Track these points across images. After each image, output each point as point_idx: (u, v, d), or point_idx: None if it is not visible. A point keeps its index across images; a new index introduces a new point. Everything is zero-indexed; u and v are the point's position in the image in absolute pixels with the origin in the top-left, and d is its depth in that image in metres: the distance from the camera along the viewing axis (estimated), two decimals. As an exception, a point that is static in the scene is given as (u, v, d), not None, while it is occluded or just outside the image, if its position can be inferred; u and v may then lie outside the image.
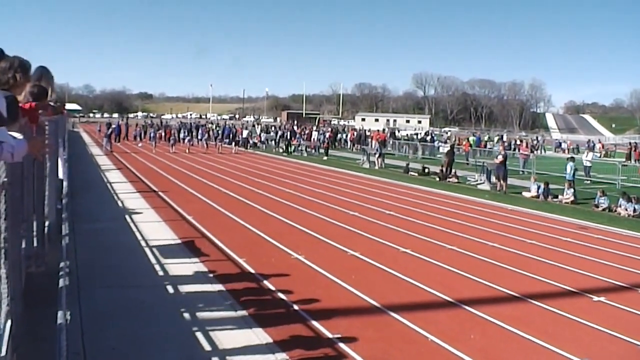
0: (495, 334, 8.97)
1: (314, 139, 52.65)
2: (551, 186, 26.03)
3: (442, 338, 8.51)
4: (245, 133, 53.40)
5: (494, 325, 9.29)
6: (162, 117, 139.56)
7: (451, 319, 9.61)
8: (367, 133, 59.42)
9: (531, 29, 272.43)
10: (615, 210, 22.11)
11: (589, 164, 34.94)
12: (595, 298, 11.04)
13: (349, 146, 56.01)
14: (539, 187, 25.93)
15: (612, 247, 15.67)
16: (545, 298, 10.82)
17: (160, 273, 11.34)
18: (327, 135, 53.14)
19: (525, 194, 26.23)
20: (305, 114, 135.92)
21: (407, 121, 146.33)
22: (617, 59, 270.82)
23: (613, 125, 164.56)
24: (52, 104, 9.44)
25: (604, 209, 22.57)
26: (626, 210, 21.74)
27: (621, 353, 8.50)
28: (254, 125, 69.69)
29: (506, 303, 10.57)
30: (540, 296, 10.89)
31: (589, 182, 32.19)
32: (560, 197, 25.03)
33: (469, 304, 10.21)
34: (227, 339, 8.05)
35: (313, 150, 48.65)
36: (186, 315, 9.03)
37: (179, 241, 14.03)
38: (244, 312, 9.21)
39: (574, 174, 27.65)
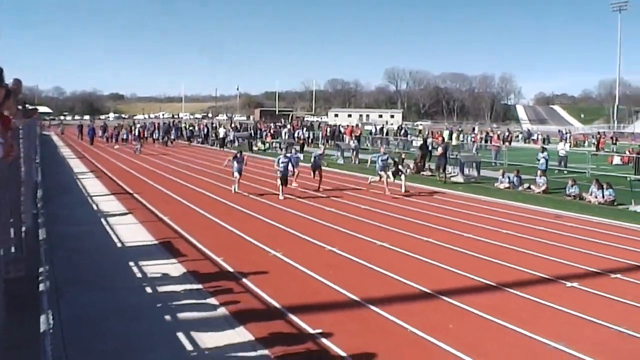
0: (473, 323, 9.14)
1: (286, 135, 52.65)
2: (523, 176, 26.35)
3: (421, 329, 8.65)
4: (221, 132, 53.06)
5: (472, 315, 9.46)
6: (135, 117, 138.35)
7: (429, 309, 9.77)
8: (341, 129, 59.46)
9: (501, 22, 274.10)
10: (586, 199, 22.47)
11: (564, 154, 35.45)
12: (569, 284, 11.27)
13: (321, 142, 56.02)
14: (509, 178, 26.25)
15: (584, 235, 15.95)
16: (520, 286, 11.03)
17: (139, 275, 11.34)
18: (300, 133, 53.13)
19: (498, 185, 26.51)
20: (279, 111, 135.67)
21: (380, 116, 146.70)
22: (585, 50, 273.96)
23: (582, 116, 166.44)
24: (27, 107, 9.39)
25: (574, 198, 22.94)
26: (596, 197, 22.11)
27: (595, 336, 8.69)
28: (231, 124, 69.32)
29: (483, 292, 10.75)
30: (515, 284, 11.10)
31: (565, 172, 32.64)
32: (532, 187, 25.36)
33: (446, 295, 10.37)
34: (209, 338, 8.10)
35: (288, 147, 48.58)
36: (167, 316, 9.06)
37: (156, 242, 14.02)
38: (224, 311, 9.27)
39: (546, 164, 27.98)
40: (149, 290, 10.41)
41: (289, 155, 22.83)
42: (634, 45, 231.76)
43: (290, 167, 22.81)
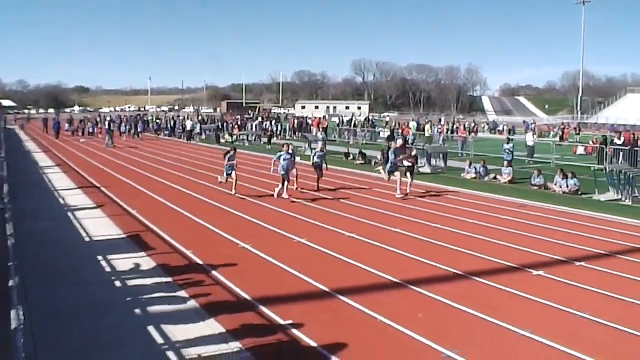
0: (441, 312, 9.27)
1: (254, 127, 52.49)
2: (489, 167, 26.67)
3: (391, 318, 8.76)
4: (189, 125, 52.69)
5: (440, 303, 9.59)
6: (100, 110, 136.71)
7: (399, 299, 9.87)
8: (308, 121, 59.49)
9: (467, 14, 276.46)
10: (551, 188, 22.84)
11: (531, 144, 35.99)
12: (535, 272, 11.48)
13: (288, 134, 55.96)
14: (475, 169, 26.55)
15: (549, 223, 16.22)
16: (487, 274, 11.20)
17: (108, 269, 11.28)
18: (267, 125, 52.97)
19: (465, 175, 26.80)
20: (246, 103, 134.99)
21: (347, 107, 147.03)
22: (549, 42, 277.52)
23: (546, 107, 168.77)
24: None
25: (540, 187, 23.31)
26: (560, 187, 22.48)
27: (560, 323, 8.87)
28: (198, 117, 68.74)
29: (451, 281, 10.89)
30: (482, 273, 11.27)
31: (532, 162, 33.12)
32: (498, 177, 25.68)
33: (415, 284, 10.49)
34: (179, 331, 8.11)
35: (255, 139, 48.49)
36: (137, 310, 9.04)
37: (124, 236, 13.94)
38: (194, 304, 9.28)
39: (512, 154, 28.34)
40: (118, 284, 10.37)
41: (291, 151, 20.37)
42: (597, 38, 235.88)
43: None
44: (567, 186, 22.37)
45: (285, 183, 19.60)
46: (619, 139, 34.72)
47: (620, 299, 10.03)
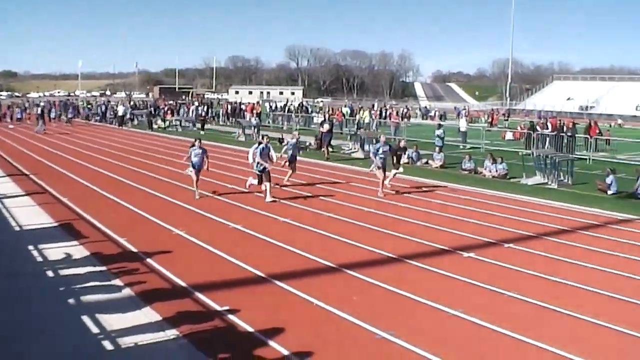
0: (376, 294, 9.48)
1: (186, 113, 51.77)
2: (422, 152, 27.16)
3: (326, 301, 8.91)
4: (121, 110, 51.55)
5: (374, 286, 9.80)
6: (28, 95, 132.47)
7: (334, 282, 10.04)
8: (242, 106, 59.09)
9: (400, 0, 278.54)
10: (481, 173, 23.45)
11: (464, 129, 36.75)
12: (466, 254, 11.83)
13: (221, 120, 55.48)
14: (408, 154, 26.93)
15: (479, 207, 16.68)
16: (420, 257, 11.49)
17: (39, 259, 11.05)
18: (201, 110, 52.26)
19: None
20: (179, 88, 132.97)
21: (281, 93, 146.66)
22: (480, 30, 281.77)
23: (477, 93, 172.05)
24: None
25: (470, 172, 23.89)
26: (490, 171, 23.10)
27: (489, 302, 9.21)
28: (130, 102, 67.26)
29: (384, 264, 11.13)
30: (415, 256, 11.55)
31: (467, 147, 33.85)
32: (430, 162, 26.17)
33: (349, 268, 10.67)
34: (115, 320, 8.04)
35: (190, 125, 47.86)
36: (71, 300, 8.90)
37: (55, 224, 13.66)
38: (129, 292, 9.21)
39: (442, 140, 28.86)
40: (50, 274, 10.18)
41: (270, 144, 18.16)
42: (526, 27, 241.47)
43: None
44: (497, 171, 23.00)
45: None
46: (547, 127, 35.80)
47: (547, 278, 10.46)
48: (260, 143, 17.90)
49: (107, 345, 7.36)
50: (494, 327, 8.13)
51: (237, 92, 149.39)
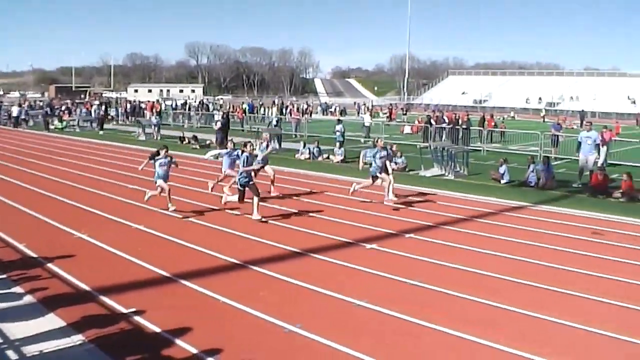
0: (282, 289, 9.59)
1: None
2: (323, 147, 27.52)
3: (234, 298, 8.94)
4: (15, 111, 49.37)
5: (281, 281, 9.91)
6: None
7: (241, 279, 10.08)
8: (142, 105, 57.91)
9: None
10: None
11: (368, 124, 37.48)
12: (368, 246, 12.14)
13: (120, 119, 54.21)
14: (310, 149, 27.27)
15: (380, 199, 17.05)
16: (324, 251, 11.70)
17: None
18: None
19: (299, 156, 27.44)
20: (75, 87, 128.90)
21: (181, 91, 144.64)
22: (378, 26, 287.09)
23: (375, 88, 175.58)
24: None
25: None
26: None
27: (393, 291, 9.51)
28: (25, 102, 64.47)
29: (290, 259, 11.27)
30: (320, 250, 11.76)
31: (369, 141, 34.45)
32: (331, 157, 26.56)
33: (255, 264, 10.73)
34: (18, 328, 7.75)
35: (88, 125, 46.47)
36: (-32, 309, 8.56)
37: (-55, 232, 13.05)
38: (31, 299, 8.88)
39: (343, 135, 29.31)
40: (-58, 283, 9.76)
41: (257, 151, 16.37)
42: (423, 23, 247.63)
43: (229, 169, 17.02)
44: (396, 164, 23.57)
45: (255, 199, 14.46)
46: (443, 120, 37.00)
47: (447, 265, 10.90)
48: (243, 151, 15.03)
49: (11, 354, 7.09)
50: (398, 314, 8.42)
51: (136, 91, 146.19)
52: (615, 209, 16.50)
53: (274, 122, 36.64)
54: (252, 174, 14.88)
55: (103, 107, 50.62)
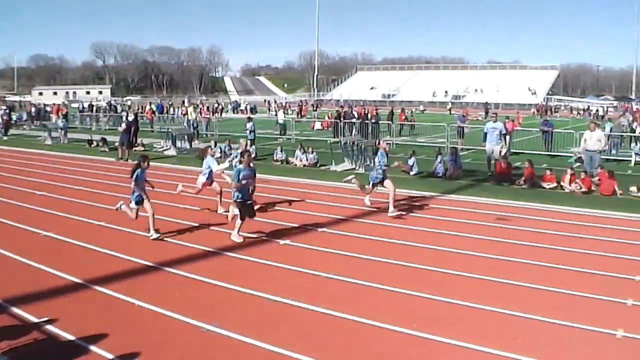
0: (198, 289, 9.65)
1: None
2: (234, 145, 27.42)
3: (148, 301, 8.94)
4: None
5: (196, 281, 9.96)
6: None
7: (154, 282, 10.05)
8: (47, 108, 56.06)
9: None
10: (292, 162, 24.27)
11: (282, 122, 37.67)
12: (282, 242, 12.34)
13: (24, 123, 52.31)
14: (221, 148, 27.17)
15: (291, 195, 17.29)
16: (237, 249, 11.83)
17: None
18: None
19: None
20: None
21: (88, 92, 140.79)
22: (287, 23, 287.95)
23: (285, 86, 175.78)
24: None
25: (282, 162, 24.66)
26: (301, 160, 23.98)
27: (305, 284, 9.76)
28: None
29: (204, 259, 11.33)
30: (234, 248, 11.88)
31: (283, 138, 34.69)
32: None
33: (169, 266, 10.74)
34: None
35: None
36: None
37: None
38: None
39: (253, 133, 29.32)
40: None
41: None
42: (331, 20, 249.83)
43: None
44: (307, 160, 23.90)
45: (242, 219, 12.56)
46: (352, 115, 37.60)
47: (360, 257, 11.26)
48: (239, 161, 12.98)
49: None
50: (314, 307, 8.66)
51: (40, 94, 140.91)
52: (518, 195, 17.35)
53: (193, 123, 36.60)
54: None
55: (7, 111, 48.72)
